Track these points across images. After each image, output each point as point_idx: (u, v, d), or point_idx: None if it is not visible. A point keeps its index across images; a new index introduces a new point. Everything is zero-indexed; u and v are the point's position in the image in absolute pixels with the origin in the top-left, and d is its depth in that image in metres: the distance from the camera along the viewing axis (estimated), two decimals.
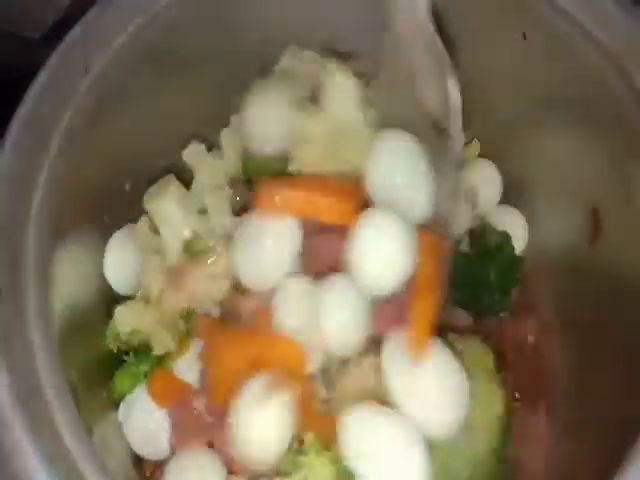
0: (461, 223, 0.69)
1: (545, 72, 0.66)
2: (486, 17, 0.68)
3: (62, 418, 0.49)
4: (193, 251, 0.63)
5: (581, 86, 0.64)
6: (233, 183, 0.68)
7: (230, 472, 0.59)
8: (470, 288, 0.68)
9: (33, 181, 0.57)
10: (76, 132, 0.60)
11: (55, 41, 0.62)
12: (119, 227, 0.68)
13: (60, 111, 0.60)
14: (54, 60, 0.61)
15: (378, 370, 0.55)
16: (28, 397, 0.49)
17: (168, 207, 0.62)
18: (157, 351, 0.63)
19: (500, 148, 0.76)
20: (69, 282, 0.61)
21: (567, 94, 0.66)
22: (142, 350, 0.65)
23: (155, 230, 0.66)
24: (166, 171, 0.70)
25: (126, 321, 0.63)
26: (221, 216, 0.64)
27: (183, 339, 0.64)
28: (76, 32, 0.63)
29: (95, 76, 0.62)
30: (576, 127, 0.66)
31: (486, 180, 0.74)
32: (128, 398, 0.64)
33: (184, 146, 0.71)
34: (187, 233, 0.63)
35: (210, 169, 0.66)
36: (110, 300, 0.67)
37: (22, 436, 0.48)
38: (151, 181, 0.69)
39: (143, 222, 0.66)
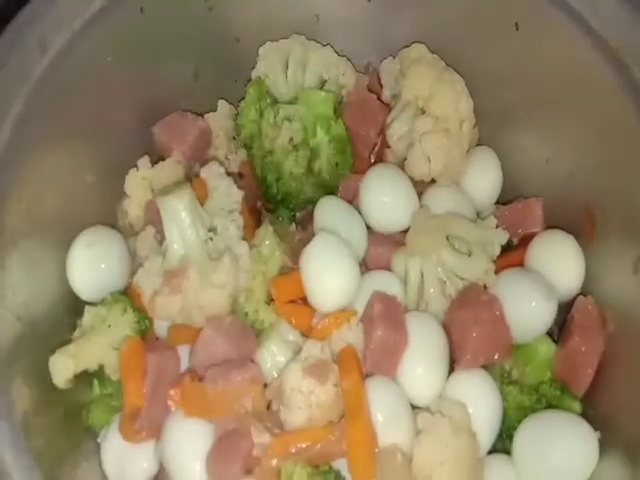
0: None
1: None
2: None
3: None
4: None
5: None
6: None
7: None
8: None
9: None
10: (32, 116, 0.54)
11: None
12: (83, 226, 0.61)
13: (14, 93, 0.54)
14: (5, 38, 0.55)
15: None
16: None
17: (180, 211, 0.59)
18: (115, 376, 0.58)
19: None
20: (25, 290, 0.55)
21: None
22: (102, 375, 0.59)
23: (160, 240, 0.61)
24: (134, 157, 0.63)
25: (65, 369, 0.57)
26: (229, 238, 0.60)
27: None
28: (28, 10, 0.57)
29: (54, 55, 0.56)
30: None
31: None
32: (106, 432, 0.59)
33: (151, 134, 0.66)
34: (192, 240, 0.59)
35: (226, 191, 0.63)
36: (74, 308, 0.60)
37: None
38: (119, 173, 0.63)
39: (149, 230, 0.61)
